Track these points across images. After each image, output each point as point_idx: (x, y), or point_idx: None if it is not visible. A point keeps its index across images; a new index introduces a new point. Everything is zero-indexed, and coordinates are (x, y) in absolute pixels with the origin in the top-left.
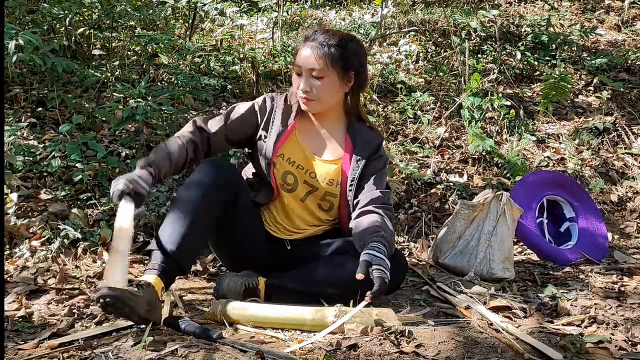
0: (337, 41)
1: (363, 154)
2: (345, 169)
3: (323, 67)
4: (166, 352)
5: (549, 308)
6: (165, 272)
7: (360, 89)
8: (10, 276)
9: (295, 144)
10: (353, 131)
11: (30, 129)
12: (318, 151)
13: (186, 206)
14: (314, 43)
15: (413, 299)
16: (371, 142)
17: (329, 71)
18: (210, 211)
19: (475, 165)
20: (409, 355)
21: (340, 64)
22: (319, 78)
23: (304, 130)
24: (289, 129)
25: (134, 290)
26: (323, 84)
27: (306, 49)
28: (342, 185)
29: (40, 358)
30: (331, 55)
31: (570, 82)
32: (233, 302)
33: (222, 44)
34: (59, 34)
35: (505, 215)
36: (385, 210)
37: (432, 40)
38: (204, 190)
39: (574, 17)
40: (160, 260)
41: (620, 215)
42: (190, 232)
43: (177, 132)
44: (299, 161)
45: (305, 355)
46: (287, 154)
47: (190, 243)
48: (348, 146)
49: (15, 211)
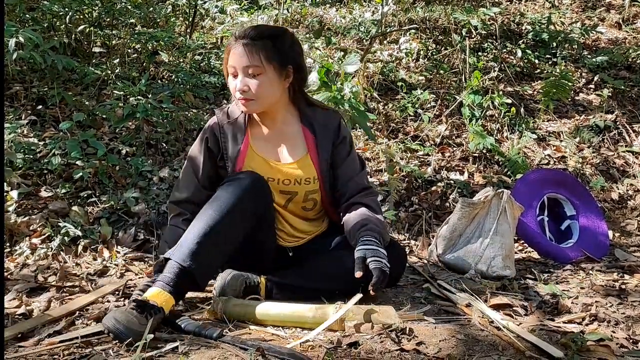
0: (269, 35)
1: (327, 141)
2: (315, 163)
3: (258, 63)
4: (166, 349)
5: (549, 306)
6: (178, 288)
7: (302, 84)
8: (11, 274)
9: (253, 157)
10: (308, 120)
11: (31, 127)
12: (281, 156)
13: (217, 212)
14: (245, 40)
15: (414, 297)
16: (330, 126)
17: (265, 67)
18: (242, 224)
19: (475, 163)
20: (409, 352)
21: (277, 59)
22: (255, 76)
23: (258, 140)
24: (243, 146)
25: (141, 323)
26: (260, 82)
27: (238, 47)
28: (319, 179)
29: (40, 356)
30: (265, 50)
31: (571, 80)
32: (233, 300)
33: (223, 41)
34: (59, 31)
35: (506, 213)
36: (367, 197)
37: (432, 38)
38: (239, 199)
39: (575, 15)
40: (174, 274)
41: (621, 213)
42: (214, 245)
43: (167, 228)
44: (265, 174)
45: (306, 353)
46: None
47: (212, 257)
48: (309, 138)
49: (15, 209)
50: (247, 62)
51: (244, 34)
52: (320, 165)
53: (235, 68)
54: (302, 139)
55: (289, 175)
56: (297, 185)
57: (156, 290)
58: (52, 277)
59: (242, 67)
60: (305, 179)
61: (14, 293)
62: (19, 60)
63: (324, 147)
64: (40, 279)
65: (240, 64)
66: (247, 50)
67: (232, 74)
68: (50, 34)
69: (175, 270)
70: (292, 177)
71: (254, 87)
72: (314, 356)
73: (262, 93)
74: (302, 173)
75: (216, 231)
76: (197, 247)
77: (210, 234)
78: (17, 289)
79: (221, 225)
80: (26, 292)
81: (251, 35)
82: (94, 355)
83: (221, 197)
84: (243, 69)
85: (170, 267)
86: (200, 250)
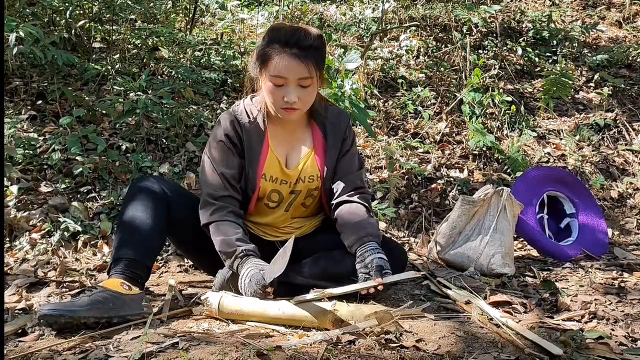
0: (318, 44)
1: (336, 140)
2: (319, 160)
3: (312, 75)
4: (167, 344)
5: (549, 303)
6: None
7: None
8: (11, 269)
9: (273, 160)
10: (319, 117)
11: (31, 122)
12: (291, 155)
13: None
14: (296, 50)
15: (413, 294)
16: (340, 124)
17: (315, 77)
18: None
19: (475, 160)
20: (409, 349)
21: (322, 66)
22: (306, 86)
23: (275, 139)
24: (264, 147)
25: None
26: (310, 92)
27: (287, 56)
28: (320, 177)
29: (40, 351)
30: (314, 59)
31: (571, 78)
32: (229, 299)
33: (223, 37)
34: (59, 26)
35: (505, 210)
36: (360, 196)
37: (433, 36)
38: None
39: (575, 13)
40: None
41: (621, 211)
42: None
43: (217, 223)
44: (280, 176)
45: (306, 349)
46: (268, 173)
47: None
48: (317, 136)
49: (15, 204)
50: (302, 74)
51: (293, 42)
52: (325, 164)
53: (287, 79)
54: (310, 136)
55: (297, 176)
56: (301, 184)
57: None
58: (52, 272)
59: (295, 78)
60: (309, 177)
61: (14, 288)
62: (19, 55)
63: (333, 146)
64: (40, 274)
65: (294, 75)
66: (301, 61)
67: (278, 83)
68: (51, 29)
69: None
70: (300, 175)
71: (303, 98)
72: (313, 352)
73: (308, 102)
74: (306, 171)
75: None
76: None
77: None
78: (17, 284)
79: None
80: (26, 287)
81: (301, 44)
82: (94, 350)
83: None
84: (296, 80)
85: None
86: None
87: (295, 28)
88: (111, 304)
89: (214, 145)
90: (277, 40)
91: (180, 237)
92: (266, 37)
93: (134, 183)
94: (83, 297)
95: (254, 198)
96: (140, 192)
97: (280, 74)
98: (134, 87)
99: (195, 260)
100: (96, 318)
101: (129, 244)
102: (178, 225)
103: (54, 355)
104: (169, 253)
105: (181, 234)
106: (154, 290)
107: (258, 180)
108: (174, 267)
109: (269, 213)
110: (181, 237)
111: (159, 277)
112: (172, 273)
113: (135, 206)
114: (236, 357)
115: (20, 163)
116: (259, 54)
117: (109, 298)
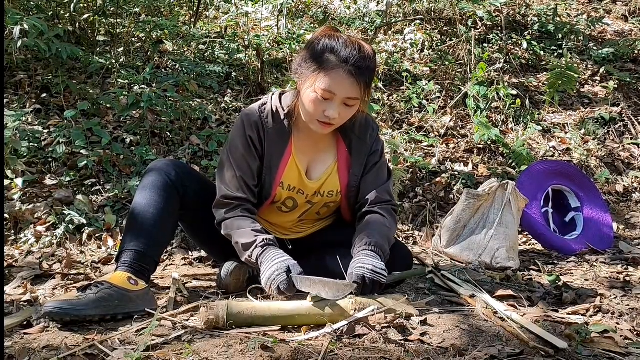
0: (373, 65)
1: (361, 156)
2: (342, 176)
3: (361, 95)
4: (172, 337)
5: (553, 297)
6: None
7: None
8: (16, 261)
9: (293, 169)
10: (345, 130)
11: (35, 115)
12: (313, 165)
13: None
14: (353, 68)
15: (418, 288)
16: (366, 139)
17: (363, 97)
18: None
19: (480, 154)
20: (413, 342)
21: (370, 86)
22: (351, 105)
23: (299, 148)
24: (287, 154)
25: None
26: (352, 110)
27: (342, 73)
28: (342, 192)
29: (44, 343)
30: (366, 79)
31: (577, 72)
32: (236, 305)
33: (227, 31)
34: (64, 19)
35: (510, 204)
36: (383, 206)
37: (437, 29)
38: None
39: (581, 6)
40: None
41: (626, 205)
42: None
43: (232, 222)
44: (298, 185)
45: (310, 342)
46: (286, 182)
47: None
48: (342, 151)
49: (20, 197)
50: (352, 94)
51: (352, 60)
52: (348, 180)
53: (336, 95)
54: (335, 148)
55: (316, 189)
56: (319, 197)
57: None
58: (56, 265)
59: (345, 97)
60: (329, 192)
61: (19, 280)
62: (24, 48)
63: (357, 162)
64: (45, 266)
65: (344, 93)
66: (355, 81)
67: (326, 97)
68: (55, 22)
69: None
70: (319, 189)
71: (344, 115)
72: (318, 345)
73: (347, 119)
74: (326, 187)
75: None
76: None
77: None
78: (22, 276)
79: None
80: (31, 280)
81: (359, 63)
82: (100, 343)
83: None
84: (345, 99)
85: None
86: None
87: (354, 42)
88: (117, 301)
89: (234, 145)
90: (336, 52)
91: (192, 222)
92: (320, 43)
93: (148, 168)
94: (90, 294)
95: (267, 203)
96: (153, 178)
97: (331, 90)
98: (138, 80)
99: (206, 247)
100: (101, 316)
101: (137, 235)
102: (191, 211)
103: (60, 346)
104: (174, 246)
105: (193, 220)
106: (158, 283)
107: (275, 188)
108: (178, 259)
109: (280, 216)
110: (193, 222)
111: (163, 269)
112: (177, 266)
113: (147, 194)
114: (240, 349)
115: (25, 156)
116: (312, 58)
117: (114, 295)
